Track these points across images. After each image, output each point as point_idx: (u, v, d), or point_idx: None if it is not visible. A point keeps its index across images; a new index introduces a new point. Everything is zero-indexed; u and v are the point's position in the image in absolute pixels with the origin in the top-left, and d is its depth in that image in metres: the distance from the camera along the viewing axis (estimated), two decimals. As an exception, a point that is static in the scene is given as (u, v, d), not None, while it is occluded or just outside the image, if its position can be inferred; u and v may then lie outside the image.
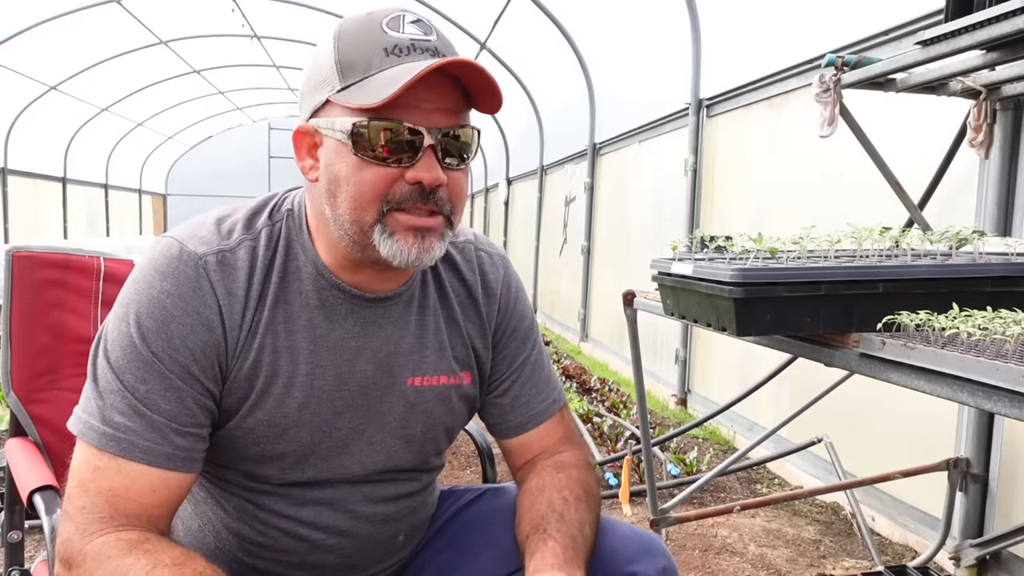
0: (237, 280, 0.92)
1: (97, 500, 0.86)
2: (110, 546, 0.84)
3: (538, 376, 1.12)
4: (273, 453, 0.96)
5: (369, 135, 0.85)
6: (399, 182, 0.87)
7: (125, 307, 0.90)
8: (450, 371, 1.05)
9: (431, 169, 0.87)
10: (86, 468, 0.87)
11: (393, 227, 0.88)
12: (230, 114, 14.95)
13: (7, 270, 1.29)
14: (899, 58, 1.93)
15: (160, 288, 0.89)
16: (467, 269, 1.08)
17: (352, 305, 0.97)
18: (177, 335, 0.88)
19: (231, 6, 8.05)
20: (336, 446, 0.99)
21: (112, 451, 0.86)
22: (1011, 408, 0.88)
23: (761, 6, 3.90)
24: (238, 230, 0.95)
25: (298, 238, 0.97)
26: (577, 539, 0.95)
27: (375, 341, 0.99)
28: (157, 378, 0.88)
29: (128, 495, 0.87)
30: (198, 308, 0.89)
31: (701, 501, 3.02)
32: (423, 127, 0.86)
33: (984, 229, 2.22)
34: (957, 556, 2.30)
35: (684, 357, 4.57)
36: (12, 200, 9.66)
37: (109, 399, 0.88)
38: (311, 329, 0.95)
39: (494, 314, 1.09)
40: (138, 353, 0.88)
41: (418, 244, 0.89)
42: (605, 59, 6.23)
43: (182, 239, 0.93)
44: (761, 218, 3.70)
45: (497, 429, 1.13)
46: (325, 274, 0.96)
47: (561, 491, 1.02)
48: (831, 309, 1.16)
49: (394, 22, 0.88)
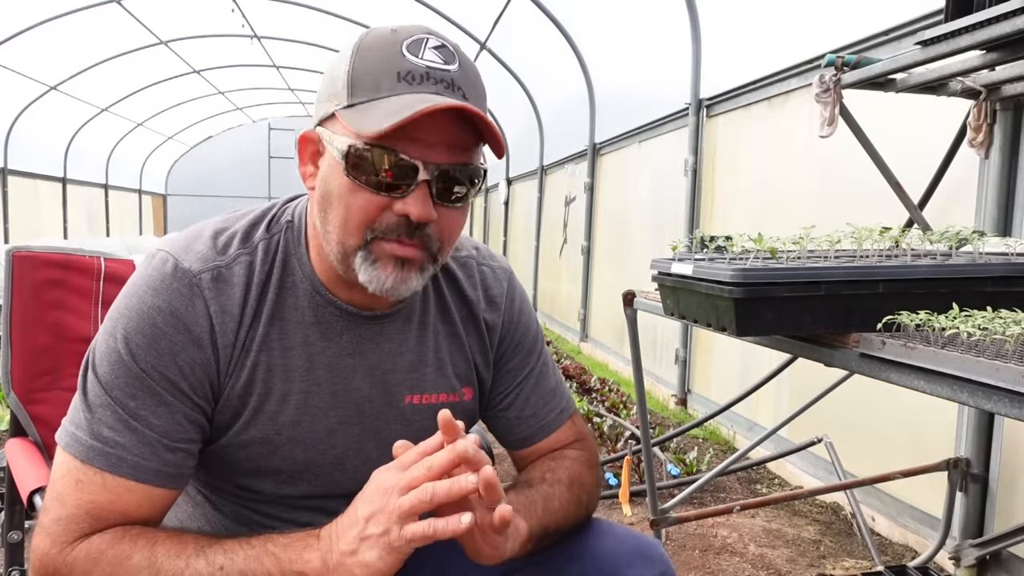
0: (232, 297, 0.91)
1: (76, 512, 0.84)
2: (95, 543, 0.83)
3: (544, 387, 1.11)
4: (267, 469, 0.96)
5: (363, 161, 0.83)
6: (387, 212, 0.85)
7: (115, 322, 0.89)
8: (450, 388, 1.04)
9: (421, 205, 0.84)
10: (67, 481, 0.85)
11: (377, 254, 0.86)
12: (230, 114, 14.95)
13: (7, 270, 1.29)
14: (899, 58, 1.93)
15: (151, 304, 0.88)
16: (468, 284, 1.06)
17: (348, 322, 0.96)
18: (167, 352, 0.87)
19: (231, 6, 8.04)
20: (331, 463, 0.98)
21: (99, 465, 0.84)
22: (1011, 408, 0.88)
23: (761, 6, 3.90)
24: (235, 244, 0.94)
25: (295, 252, 0.95)
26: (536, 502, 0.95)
27: (371, 359, 0.98)
28: (147, 394, 0.86)
29: (112, 508, 0.85)
30: (189, 326, 0.88)
31: (701, 501, 3.02)
32: (420, 161, 0.83)
33: (984, 229, 2.22)
34: (957, 556, 2.30)
35: (684, 357, 4.57)
36: (12, 200, 9.66)
37: (98, 413, 0.86)
38: (307, 347, 0.94)
39: (498, 328, 1.08)
40: (127, 368, 0.86)
41: (396, 274, 0.87)
42: (605, 59, 6.22)
43: (177, 254, 0.91)
44: (761, 218, 3.70)
45: (506, 441, 1.12)
46: (321, 291, 0.95)
47: (543, 473, 1.03)
48: (831, 309, 1.16)
49: (415, 45, 0.85)
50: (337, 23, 8.49)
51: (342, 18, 8.36)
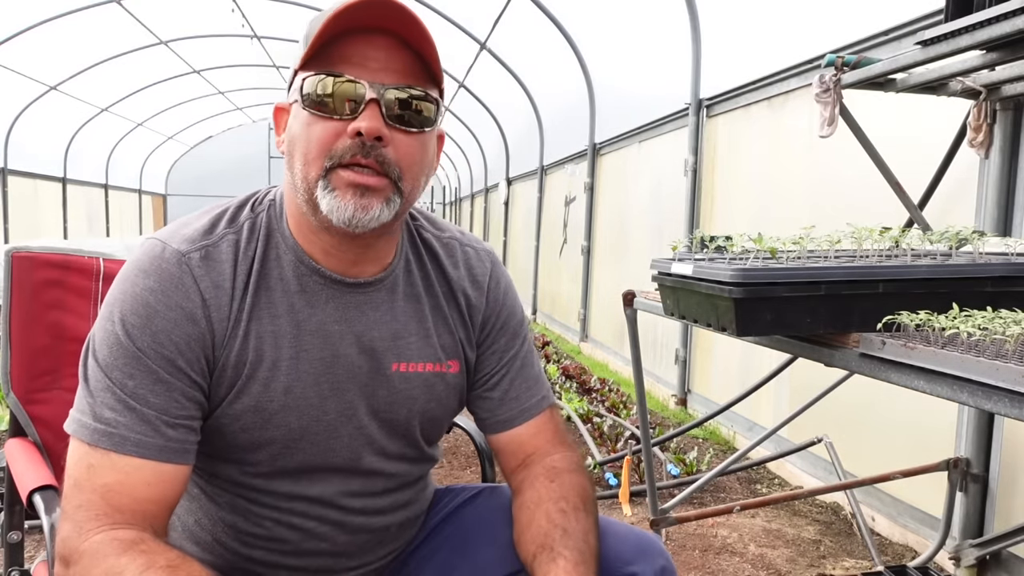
0: (223, 273, 0.94)
1: (92, 497, 0.86)
2: (106, 545, 0.84)
3: (528, 372, 1.13)
4: (262, 439, 0.97)
5: (315, 88, 0.88)
6: (342, 137, 0.88)
7: (110, 307, 0.92)
8: (435, 358, 1.05)
9: (370, 120, 0.87)
10: (80, 466, 0.88)
11: (335, 183, 0.89)
12: (230, 114, 14.95)
13: (7, 270, 1.29)
14: (899, 58, 1.93)
15: (143, 286, 0.91)
16: (450, 264, 1.09)
17: (333, 290, 0.99)
18: (162, 330, 0.90)
19: (231, 6, 8.05)
20: (325, 430, 0.99)
21: (105, 446, 0.87)
22: (1011, 408, 0.88)
23: (761, 6, 3.90)
24: (222, 225, 0.98)
25: (278, 226, 0.99)
26: (584, 552, 0.95)
27: (357, 326, 1.00)
28: (144, 373, 0.89)
29: (123, 490, 0.87)
30: (181, 303, 0.91)
31: (701, 501, 3.02)
32: (365, 80, 0.88)
33: (984, 229, 2.22)
34: (957, 556, 2.30)
35: (684, 357, 4.58)
36: (12, 200, 9.67)
37: (99, 396, 0.89)
38: (293, 314, 0.97)
39: (481, 308, 1.10)
40: (124, 349, 0.89)
41: (356, 201, 0.89)
42: (605, 59, 6.23)
43: (165, 239, 0.95)
44: (761, 218, 3.70)
45: (487, 424, 1.13)
46: (304, 259, 0.98)
47: (558, 502, 1.01)
48: (831, 309, 1.16)
49: None
50: (337, 23, 8.47)
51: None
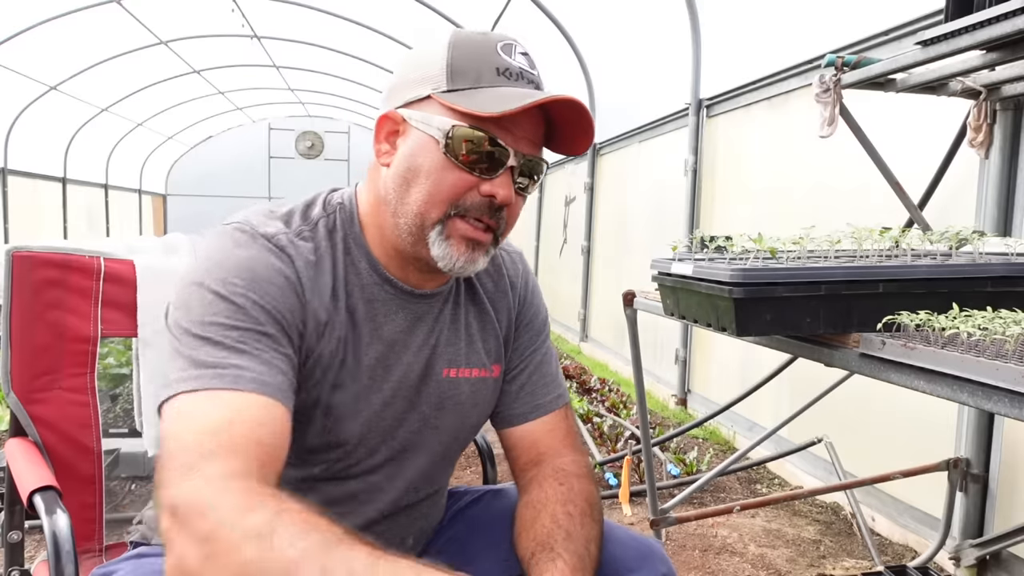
0: (307, 262, 0.93)
1: (193, 439, 0.78)
2: (255, 497, 0.74)
3: (546, 370, 1.15)
4: (323, 444, 0.96)
5: (463, 141, 0.90)
6: (472, 192, 0.92)
7: (202, 277, 0.87)
8: (481, 364, 1.08)
9: (507, 188, 0.92)
10: (178, 424, 0.80)
11: (450, 232, 0.93)
12: (230, 114, 14.93)
13: (7, 270, 1.29)
14: (899, 58, 1.93)
15: (244, 255, 0.89)
16: (493, 269, 1.14)
17: (402, 300, 1.01)
18: (268, 293, 0.87)
19: (231, 6, 8.04)
20: (381, 434, 1.00)
21: (199, 387, 0.80)
22: (1011, 408, 0.88)
23: (761, 6, 3.90)
24: (296, 219, 0.97)
25: (351, 231, 1.00)
26: (585, 559, 0.94)
27: (420, 336, 1.02)
28: (249, 323, 0.85)
29: (232, 429, 0.79)
30: (286, 274, 0.90)
31: (701, 501, 3.02)
32: (512, 148, 0.92)
33: (984, 229, 2.22)
34: (957, 556, 2.30)
35: (684, 357, 4.57)
36: (12, 200, 9.65)
37: (203, 351, 0.83)
38: (370, 321, 0.98)
39: (514, 308, 1.14)
40: (226, 305, 0.85)
41: (467, 254, 0.94)
42: (605, 59, 6.23)
43: (248, 225, 0.92)
44: (761, 218, 3.70)
45: (501, 417, 1.13)
46: (378, 269, 0.99)
47: (565, 505, 1.01)
48: (831, 309, 1.16)
49: (507, 48, 0.94)
50: (337, 23, 8.48)
51: (342, 18, 8.36)
